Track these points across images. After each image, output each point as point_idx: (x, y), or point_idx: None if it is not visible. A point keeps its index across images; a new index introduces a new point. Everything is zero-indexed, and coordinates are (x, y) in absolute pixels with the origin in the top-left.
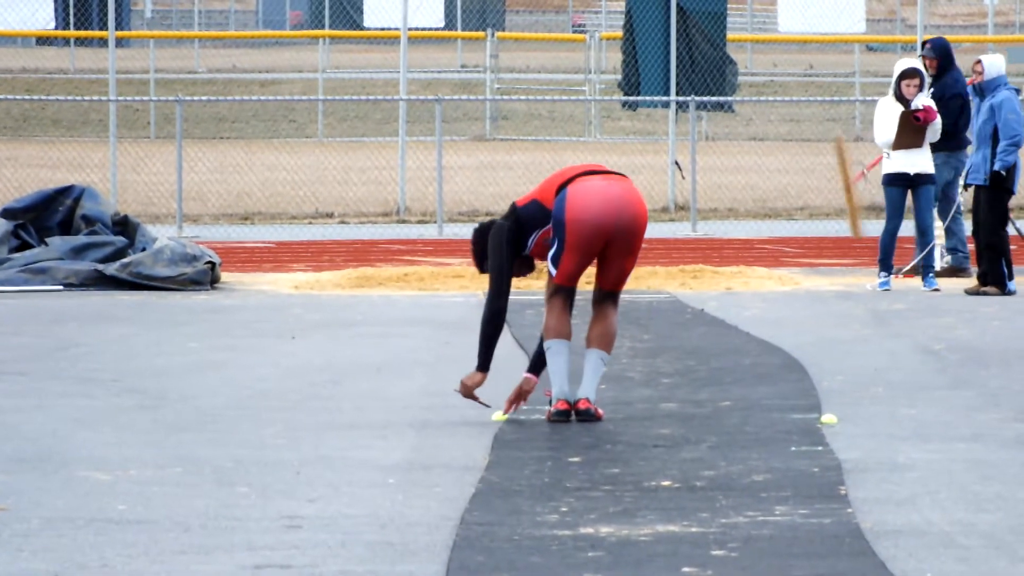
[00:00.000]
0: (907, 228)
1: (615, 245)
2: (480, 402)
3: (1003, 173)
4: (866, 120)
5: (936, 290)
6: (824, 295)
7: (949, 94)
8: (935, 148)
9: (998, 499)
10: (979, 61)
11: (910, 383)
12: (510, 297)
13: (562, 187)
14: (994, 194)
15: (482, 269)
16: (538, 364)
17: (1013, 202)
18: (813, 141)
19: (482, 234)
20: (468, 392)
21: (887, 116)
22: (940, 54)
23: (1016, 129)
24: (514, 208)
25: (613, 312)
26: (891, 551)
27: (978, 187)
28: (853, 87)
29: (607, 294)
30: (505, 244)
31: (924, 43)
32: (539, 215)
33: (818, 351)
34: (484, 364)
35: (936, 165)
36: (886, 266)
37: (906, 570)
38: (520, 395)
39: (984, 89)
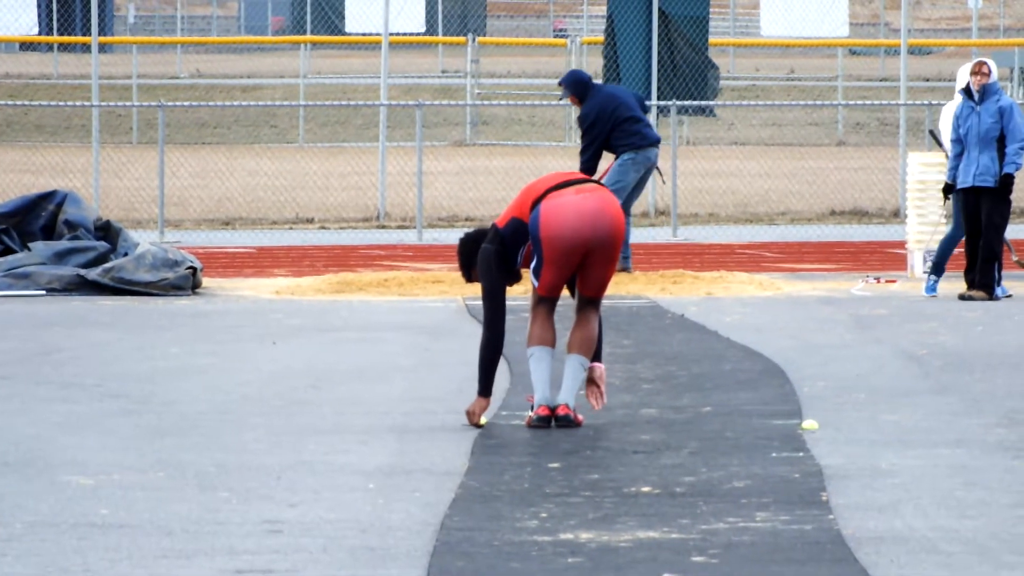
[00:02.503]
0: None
1: (593, 256)
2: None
3: (1014, 176)
4: (848, 124)
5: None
6: (806, 300)
7: (588, 123)
8: (622, 152)
9: (981, 505)
10: (984, 63)
11: (892, 388)
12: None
13: (536, 202)
14: (1001, 197)
15: (468, 279)
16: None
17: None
18: (795, 145)
19: (466, 244)
20: (476, 421)
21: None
22: (572, 90)
23: None
24: (496, 230)
25: (595, 318)
26: (873, 558)
27: (979, 190)
28: (836, 91)
29: (589, 300)
30: (495, 268)
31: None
32: (521, 231)
33: (799, 356)
34: (486, 390)
35: (620, 167)
36: (939, 270)
37: None
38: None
39: (985, 92)
